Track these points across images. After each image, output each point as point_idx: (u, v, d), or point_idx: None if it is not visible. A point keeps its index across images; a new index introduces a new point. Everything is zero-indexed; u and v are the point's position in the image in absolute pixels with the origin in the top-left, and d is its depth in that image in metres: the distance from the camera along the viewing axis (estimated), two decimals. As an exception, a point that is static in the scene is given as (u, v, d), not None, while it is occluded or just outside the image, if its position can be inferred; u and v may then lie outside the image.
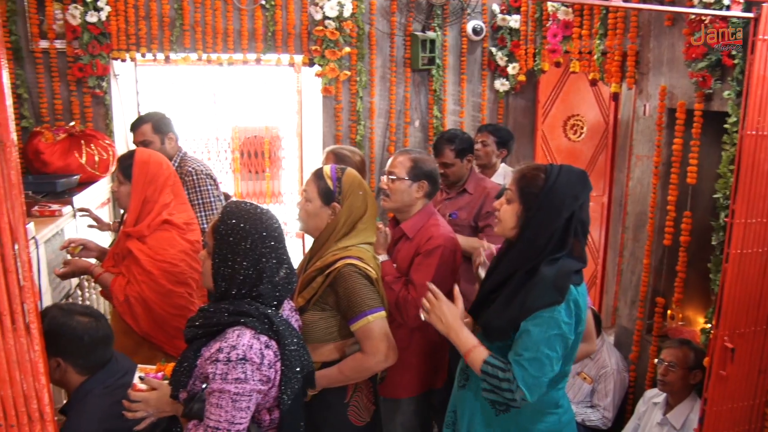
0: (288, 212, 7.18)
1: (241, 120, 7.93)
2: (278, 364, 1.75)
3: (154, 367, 2.01)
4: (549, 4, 4.34)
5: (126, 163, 2.85)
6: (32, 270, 1.72)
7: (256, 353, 1.69)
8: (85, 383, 2.09)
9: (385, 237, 2.74)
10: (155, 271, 2.76)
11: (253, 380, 1.68)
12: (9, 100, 1.58)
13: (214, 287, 1.83)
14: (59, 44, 4.30)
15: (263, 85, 7.96)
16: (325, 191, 2.32)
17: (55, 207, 3.31)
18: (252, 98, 7.91)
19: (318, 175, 2.37)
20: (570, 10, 4.15)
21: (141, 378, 1.96)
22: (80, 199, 3.59)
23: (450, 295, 2.77)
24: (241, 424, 1.67)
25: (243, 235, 1.77)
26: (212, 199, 3.60)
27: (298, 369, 1.80)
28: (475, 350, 2.03)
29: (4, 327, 1.73)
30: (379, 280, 2.35)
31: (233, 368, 1.65)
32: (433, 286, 2.16)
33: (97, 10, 4.23)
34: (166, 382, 1.91)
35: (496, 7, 4.92)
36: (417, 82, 4.95)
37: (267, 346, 1.73)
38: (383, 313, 2.25)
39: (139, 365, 2.02)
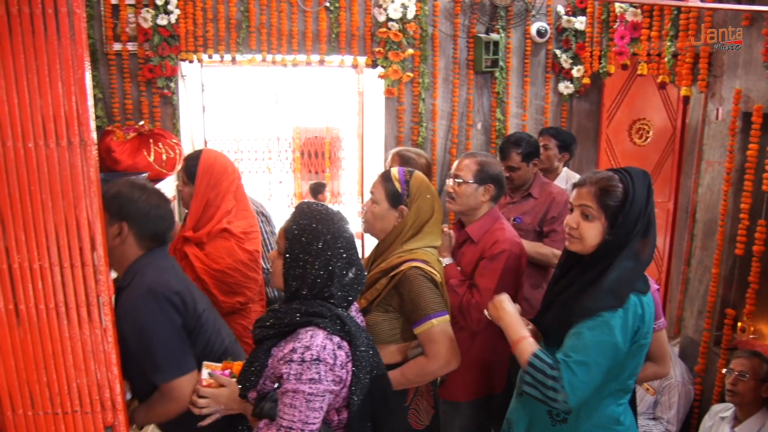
0: (347, 212, 7.22)
1: (302, 120, 8.02)
2: (349, 364, 1.75)
3: (220, 364, 2.03)
4: (617, 5, 4.24)
5: (191, 163, 2.84)
6: (108, 264, 1.77)
7: (330, 354, 1.70)
8: (142, 257, 2.09)
9: (450, 240, 2.73)
10: (208, 279, 2.75)
11: (327, 381, 1.68)
12: (90, 101, 1.64)
13: (284, 287, 1.83)
14: (131, 46, 4.45)
15: (324, 86, 8.04)
16: (392, 194, 2.32)
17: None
18: (313, 99, 7.99)
19: (386, 177, 2.37)
20: (639, 11, 4.05)
21: (210, 374, 1.98)
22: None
23: (515, 300, 2.76)
24: (314, 424, 1.68)
25: (315, 236, 1.78)
26: (265, 236, 3.56)
27: (367, 370, 1.80)
28: (524, 341, 1.98)
29: (80, 319, 1.79)
30: (444, 283, 2.33)
31: (307, 369, 1.66)
32: (497, 297, 2.14)
33: (167, 13, 4.35)
34: (234, 379, 1.94)
35: (561, 9, 4.85)
36: (480, 84, 4.91)
37: (339, 347, 1.74)
38: (447, 317, 2.23)
39: (205, 362, 2.04)
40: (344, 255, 1.80)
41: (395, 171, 2.38)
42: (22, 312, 1.79)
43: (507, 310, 2.08)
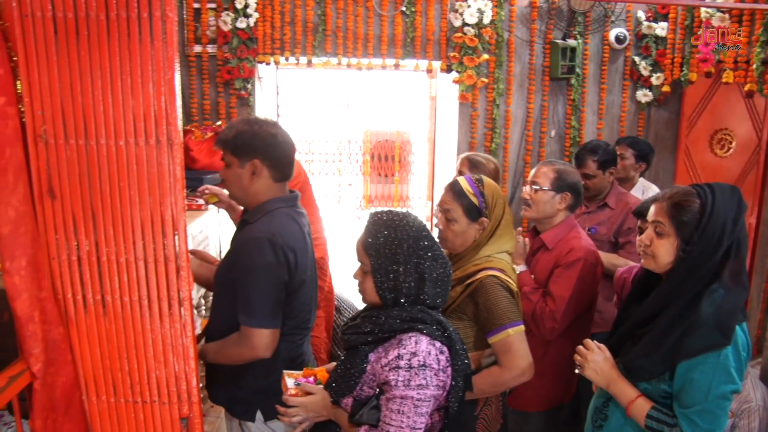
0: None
1: (373, 124, 8.10)
2: (449, 369, 1.76)
3: (300, 372, 2.04)
4: (702, 10, 4.10)
5: None
6: (189, 260, 1.82)
7: (434, 359, 1.71)
8: (276, 200, 2.18)
9: (524, 247, 2.71)
10: None
11: (432, 386, 1.70)
12: (179, 101, 1.69)
13: (381, 301, 1.81)
14: (211, 49, 4.58)
15: (396, 90, 8.09)
16: (470, 208, 2.28)
17: (201, 201, 3.49)
18: (384, 103, 8.05)
19: (458, 192, 2.31)
20: (726, 16, 3.91)
21: (296, 383, 1.98)
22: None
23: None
24: (420, 429, 1.70)
25: (398, 244, 1.77)
26: None
27: (464, 373, 1.80)
28: (637, 402, 1.89)
29: (161, 312, 1.85)
30: (518, 292, 2.30)
31: (415, 375, 1.67)
32: (587, 340, 2.05)
33: (247, 16, 4.46)
34: (321, 386, 1.94)
35: (641, 14, 4.72)
36: (555, 91, 4.84)
37: (441, 352, 1.74)
38: (523, 327, 2.20)
39: (285, 371, 2.06)
40: (429, 253, 1.79)
41: (466, 183, 2.32)
42: (108, 303, 1.86)
43: (609, 376, 1.96)
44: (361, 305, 2.00)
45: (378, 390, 1.77)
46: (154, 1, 1.68)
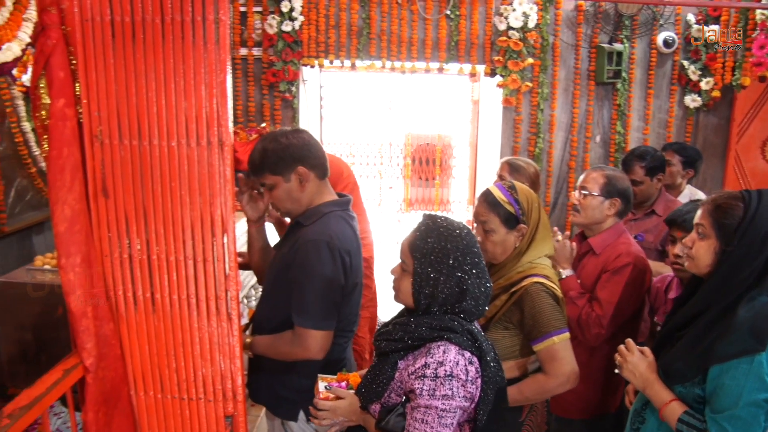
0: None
1: (414, 127, 8.10)
2: (479, 380, 1.72)
3: (334, 376, 2.06)
4: (758, 12, 4.00)
5: None
6: (237, 260, 1.84)
7: (462, 370, 1.67)
8: (326, 204, 2.21)
9: (571, 251, 2.68)
10: None
11: (459, 397, 1.66)
12: (230, 103, 1.71)
13: (414, 305, 1.79)
14: (256, 51, 4.64)
15: (437, 94, 8.08)
16: (507, 217, 2.24)
17: (246, 202, 3.53)
18: (426, 106, 8.06)
19: (492, 203, 2.27)
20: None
21: (326, 387, 1.99)
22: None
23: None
24: None
25: (445, 254, 1.72)
26: None
27: (495, 385, 1.75)
28: (671, 405, 1.86)
29: (209, 311, 1.88)
30: (563, 298, 2.26)
31: (441, 384, 1.64)
32: (629, 340, 2.03)
33: (292, 20, 4.51)
34: (352, 391, 1.94)
35: (691, 17, 4.63)
36: (600, 95, 4.78)
37: (470, 363, 1.70)
38: (568, 334, 2.17)
39: (319, 375, 2.07)
40: (475, 270, 1.75)
41: (499, 192, 2.28)
42: (157, 301, 1.90)
43: (646, 378, 1.94)
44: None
45: (405, 398, 1.75)
46: (207, 5, 1.71)
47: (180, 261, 1.85)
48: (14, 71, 2.82)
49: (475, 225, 2.37)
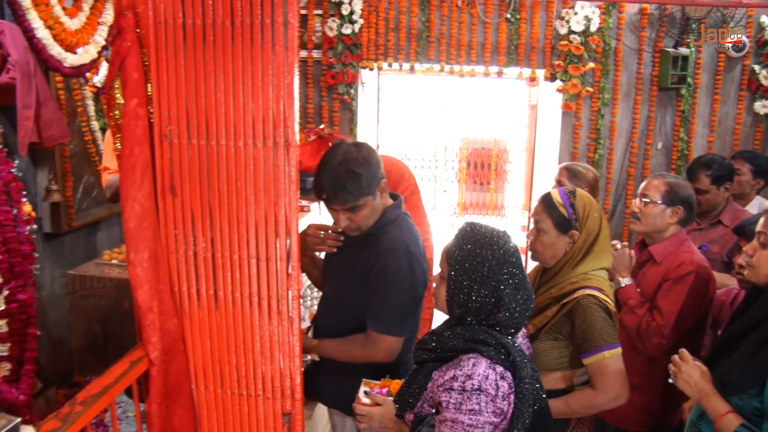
0: (511, 226, 7.16)
1: (470, 131, 8.07)
2: (512, 396, 1.66)
3: (379, 382, 2.06)
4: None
5: None
6: (299, 260, 1.87)
7: (492, 384, 1.62)
8: (389, 209, 2.25)
9: (630, 259, 2.63)
10: None
11: (487, 412, 1.61)
12: (297, 105, 1.74)
13: (448, 313, 1.78)
14: (316, 54, 4.70)
15: (494, 98, 8.03)
16: (560, 220, 2.22)
17: (304, 203, 3.58)
18: (482, 110, 8.02)
19: (548, 203, 2.26)
20: None
21: (366, 392, 1.99)
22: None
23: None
24: None
25: (480, 262, 1.69)
26: None
27: (530, 403, 1.69)
28: (727, 417, 1.81)
29: (270, 310, 1.91)
30: (616, 313, 2.21)
31: (468, 399, 1.60)
32: (683, 350, 1.99)
33: (352, 22, 4.55)
34: (391, 398, 1.93)
35: (765, 19, 4.46)
36: (663, 101, 4.66)
37: (502, 377, 1.65)
38: (620, 350, 2.12)
39: (364, 380, 2.08)
40: (511, 281, 1.71)
41: (557, 195, 2.27)
42: (220, 298, 1.94)
43: (701, 389, 1.90)
44: None
45: (435, 410, 1.72)
46: (276, 7, 1.74)
47: (243, 260, 1.89)
48: (87, 72, 2.92)
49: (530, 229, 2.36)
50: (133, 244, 1.85)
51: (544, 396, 1.77)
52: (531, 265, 2.51)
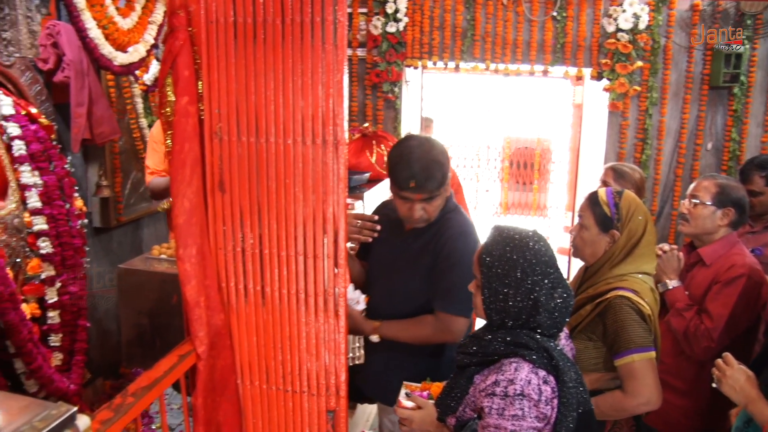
0: (552, 226, 7.09)
1: (513, 130, 8.01)
2: (555, 401, 1.62)
3: (419, 384, 2.05)
4: None
5: None
6: (347, 258, 1.87)
7: (534, 389, 1.59)
8: (450, 198, 2.34)
9: (678, 261, 2.57)
10: None
11: (530, 417, 1.58)
12: (346, 103, 1.74)
13: (487, 320, 1.75)
14: (360, 52, 4.72)
15: (537, 97, 7.96)
16: (602, 218, 2.20)
17: (348, 200, 3.58)
18: (525, 109, 7.96)
19: (593, 200, 2.25)
20: None
21: (407, 395, 1.98)
22: (369, 196, 3.85)
23: (752, 334, 2.52)
24: None
25: (511, 265, 1.66)
26: None
27: (574, 407, 1.65)
28: None
29: (316, 307, 1.92)
30: (653, 316, 2.15)
31: (510, 404, 1.58)
32: (727, 354, 1.94)
33: (397, 21, 4.55)
34: (432, 402, 1.91)
35: (823, 15, 4.31)
36: (714, 100, 4.54)
37: (545, 382, 1.61)
38: (652, 353, 2.06)
39: (405, 382, 2.08)
40: (546, 281, 1.67)
41: (603, 193, 2.25)
42: (267, 294, 1.96)
43: (747, 394, 1.85)
44: None
45: (477, 415, 1.68)
46: (326, 6, 1.74)
47: (291, 256, 1.90)
48: (137, 71, 2.98)
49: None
50: (182, 240, 1.87)
51: (588, 399, 1.73)
52: (575, 265, 2.48)
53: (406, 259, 2.31)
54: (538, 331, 1.67)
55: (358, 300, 2.29)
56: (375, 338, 2.29)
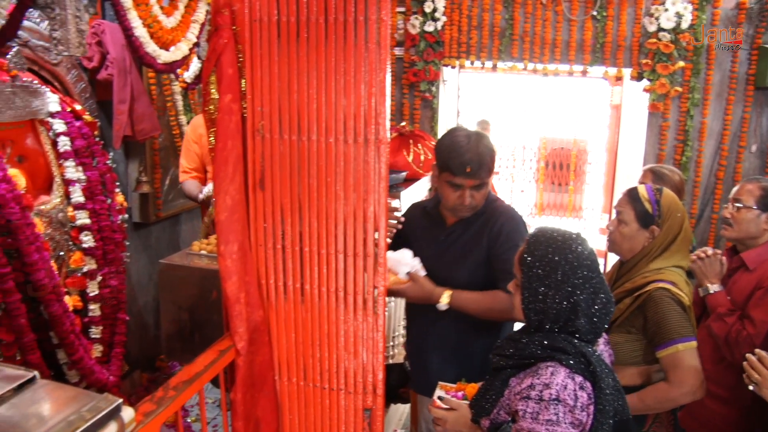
0: (588, 228, 7.00)
1: (549, 130, 7.94)
2: (591, 407, 1.59)
3: (455, 385, 2.04)
4: None
5: None
6: (386, 257, 1.87)
7: (570, 394, 1.56)
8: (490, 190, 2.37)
9: (721, 266, 2.53)
10: None
11: (565, 423, 1.55)
12: (389, 102, 1.74)
13: (526, 321, 1.73)
14: (398, 51, 4.72)
15: (573, 97, 7.87)
16: (642, 214, 2.22)
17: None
18: (561, 109, 7.88)
19: (633, 197, 2.27)
20: None
21: (440, 398, 1.96)
22: (406, 195, 3.85)
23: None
24: None
25: (552, 267, 1.64)
26: None
27: (611, 415, 1.61)
28: None
29: (355, 305, 1.92)
30: (691, 308, 2.17)
31: (545, 408, 1.55)
32: (760, 351, 1.91)
33: (435, 20, 4.54)
34: (466, 403, 1.90)
35: None
36: (760, 101, 4.44)
37: (581, 388, 1.58)
38: (694, 343, 2.07)
39: (440, 383, 2.07)
40: (587, 285, 1.64)
41: (643, 190, 2.27)
42: (306, 292, 1.97)
43: None
44: None
45: (511, 418, 1.67)
46: (370, 5, 1.75)
47: (331, 254, 1.91)
48: (178, 69, 3.02)
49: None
50: (223, 236, 1.89)
51: (625, 407, 1.70)
52: (609, 264, 2.45)
53: (454, 253, 2.31)
54: (576, 335, 1.65)
55: (417, 267, 2.27)
56: (443, 306, 2.24)
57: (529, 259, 1.68)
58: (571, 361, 1.60)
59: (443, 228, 2.35)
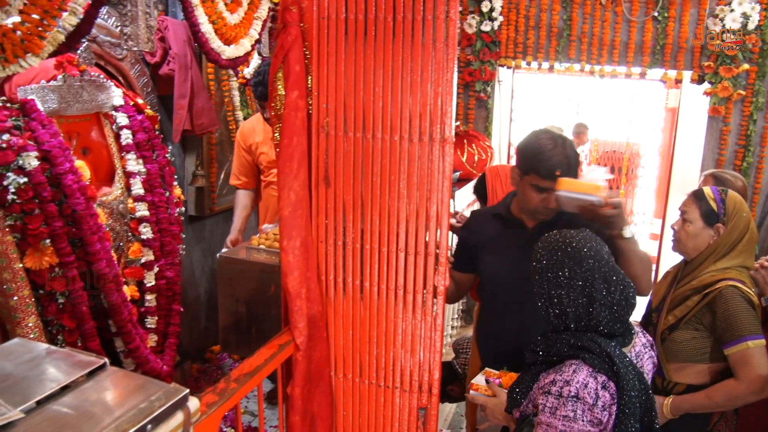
0: (639, 233, 6.83)
1: (601, 132, 7.81)
2: (614, 407, 1.60)
3: (498, 372, 2.03)
4: None
5: None
6: (447, 256, 1.86)
7: (590, 393, 1.57)
8: None
9: None
10: None
11: (583, 420, 1.56)
12: (455, 101, 1.73)
13: (551, 325, 1.76)
14: (453, 50, 4.69)
15: (627, 100, 7.72)
16: (707, 213, 2.26)
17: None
18: (614, 112, 7.74)
19: (698, 196, 2.31)
20: None
21: (486, 381, 1.98)
22: (460, 195, 3.84)
23: None
24: None
25: (559, 267, 1.68)
26: None
27: (637, 417, 1.61)
28: None
29: (414, 304, 1.92)
30: (759, 305, 2.18)
31: (563, 404, 1.57)
32: None
33: (492, 20, 4.51)
34: (505, 391, 1.91)
35: None
36: (826, 107, 4.29)
37: (604, 387, 1.59)
38: (764, 341, 2.08)
39: (486, 368, 2.06)
40: (596, 274, 1.65)
41: (708, 190, 2.31)
42: (365, 289, 1.98)
43: None
44: None
45: (535, 411, 1.69)
46: (439, 3, 1.74)
47: (392, 252, 1.91)
48: (240, 65, 3.06)
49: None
50: (286, 232, 1.91)
51: (655, 411, 1.70)
52: (667, 262, 2.41)
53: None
54: (600, 328, 1.67)
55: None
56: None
57: (538, 266, 1.73)
58: (596, 361, 1.62)
59: (524, 231, 2.27)
